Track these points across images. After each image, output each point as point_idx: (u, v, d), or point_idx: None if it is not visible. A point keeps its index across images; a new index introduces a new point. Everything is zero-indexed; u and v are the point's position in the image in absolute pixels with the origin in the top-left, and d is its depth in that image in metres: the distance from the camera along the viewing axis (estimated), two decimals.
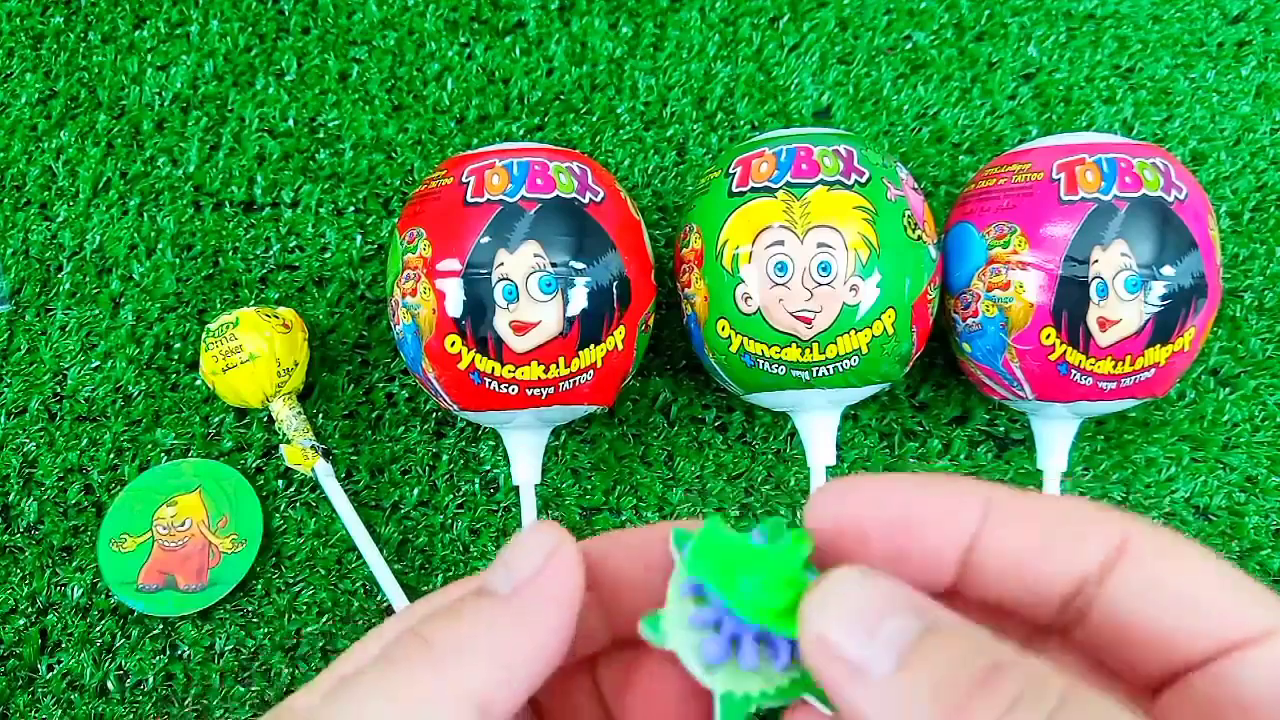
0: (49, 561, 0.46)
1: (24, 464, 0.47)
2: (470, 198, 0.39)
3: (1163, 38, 0.53)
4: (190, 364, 0.49)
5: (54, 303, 0.50)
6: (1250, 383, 0.48)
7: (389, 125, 0.52)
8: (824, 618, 0.15)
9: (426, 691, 0.15)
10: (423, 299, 0.39)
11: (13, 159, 0.52)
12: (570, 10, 0.54)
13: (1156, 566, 0.15)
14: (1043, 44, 0.53)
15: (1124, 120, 0.52)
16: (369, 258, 0.50)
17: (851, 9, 0.53)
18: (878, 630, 0.15)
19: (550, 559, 0.16)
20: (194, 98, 0.53)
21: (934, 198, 0.51)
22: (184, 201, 0.51)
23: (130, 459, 0.47)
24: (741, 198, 0.39)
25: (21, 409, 0.48)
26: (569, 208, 0.39)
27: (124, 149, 0.52)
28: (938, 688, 0.14)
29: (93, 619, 0.45)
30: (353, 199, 0.51)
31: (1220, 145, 0.51)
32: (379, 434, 0.48)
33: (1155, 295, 0.38)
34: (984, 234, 0.41)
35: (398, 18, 0.54)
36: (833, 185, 0.39)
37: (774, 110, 0.52)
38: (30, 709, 0.44)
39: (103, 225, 0.51)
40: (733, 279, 0.39)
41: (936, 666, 0.14)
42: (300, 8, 0.54)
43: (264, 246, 0.50)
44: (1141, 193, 0.38)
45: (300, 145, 0.52)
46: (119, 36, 0.54)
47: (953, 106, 0.52)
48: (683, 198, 0.51)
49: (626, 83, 0.52)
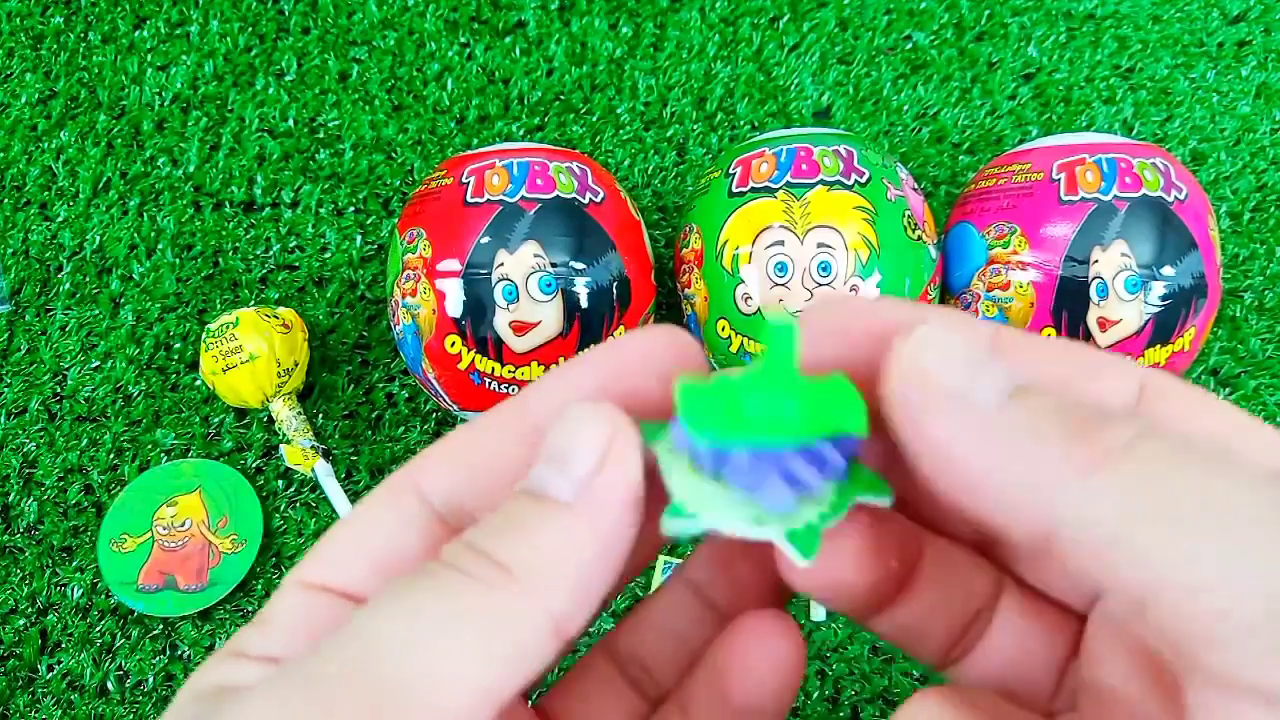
0: (49, 561, 0.46)
1: (24, 464, 0.47)
2: (470, 198, 0.39)
3: (1163, 38, 0.53)
4: (190, 364, 0.49)
5: (54, 303, 0.50)
6: (1250, 383, 0.48)
7: (389, 125, 0.52)
8: (926, 354, 0.14)
9: (506, 616, 0.14)
10: (423, 299, 0.39)
11: (13, 159, 0.52)
12: (570, 10, 0.54)
13: (1177, 413, 0.14)
14: (1043, 44, 0.53)
15: (1124, 120, 0.52)
16: (369, 258, 0.50)
17: (851, 9, 0.53)
18: (984, 367, 0.14)
19: (610, 452, 0.15)
20: (194, 98, 0.53)
21: (934, 198, 0.51)
22: (184, 201, 0.51)
23: (130, 459, 0.47)
24: (741, 198, 0.39)
25: (21, 409, 0.48)
26: (569, 208, 0.39)
27: (124, 149, 0.52)
28: (1057, 415, 0.13)
29: (93, 619, 0.45)
30: (353, 199, 0.51)
31: (1220, 145, 0.51)
32: (379, 434, 0.48)
33: (1155, 295, 0.38)
34: (984, 234, 0.41)
35: (398, 18, 0.54)
36: (833, 185, 0.39)
37: (774, 110, 0.52)
38: (30, 709, 0.44)
39: (103, 225, 0.51)
40: (733, 279, 0.39)
41: (1051, 402, 0.13)
42: (300, 8, 0.54)
43: (264, 246, 0.50)
44: (1141, 193, 0.38)
45: (300, 145, 0.52)
46: (119, 36, 0.54)
47: (953, 106, 0.52)
48: (683, 198, 0.51)
49: (626, 83, 0.52)
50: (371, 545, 0.16)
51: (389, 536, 0.16)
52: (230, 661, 0.15)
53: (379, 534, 0.16)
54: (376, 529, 0.16)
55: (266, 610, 0.16)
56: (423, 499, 0.16)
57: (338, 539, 0.17)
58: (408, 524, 0.16)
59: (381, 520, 0.16)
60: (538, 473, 0.15)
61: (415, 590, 0.14)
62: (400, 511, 0.16)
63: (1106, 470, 0.13)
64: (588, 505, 0.14)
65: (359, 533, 0.16)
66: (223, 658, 0.15)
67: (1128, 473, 0.12)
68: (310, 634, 0.16)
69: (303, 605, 0.16)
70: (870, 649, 0.45)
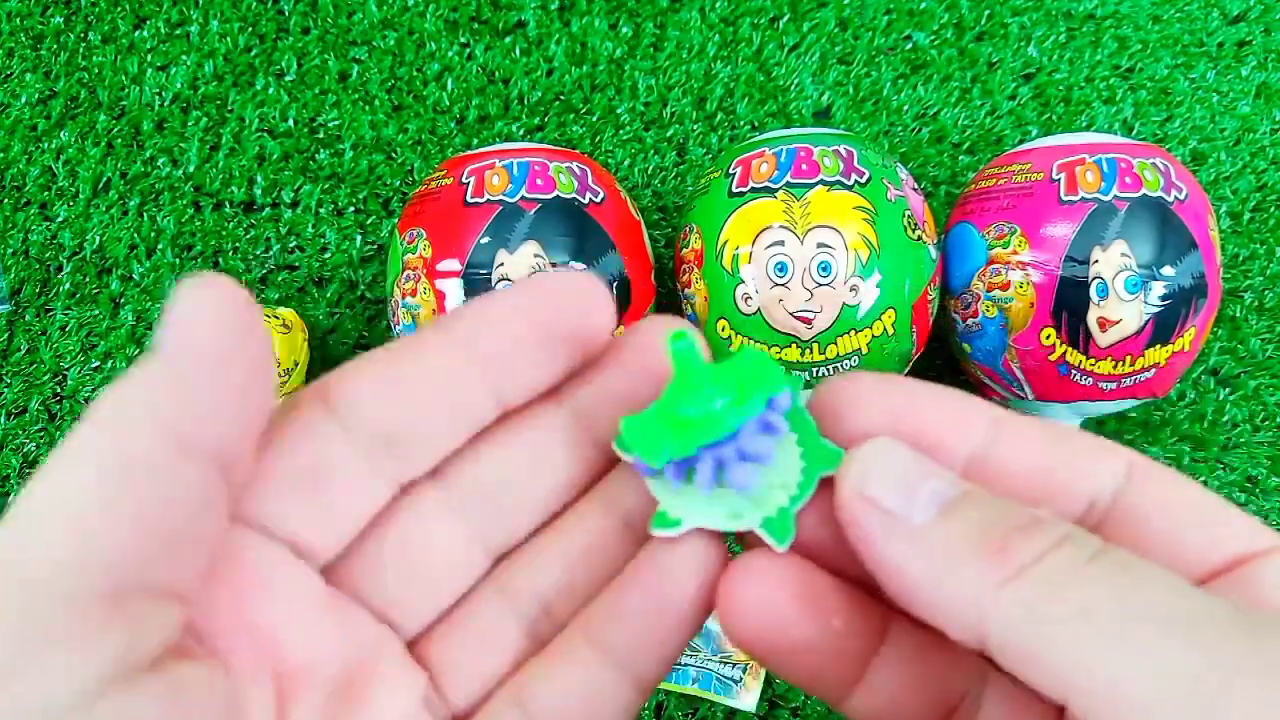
0: None
1: (24, 464, 0.47)
2: (470, 198, 0.39)
3: (1163, 38, 0.53)
4: None
5: (54, 303, 0.50)
6: (1250, 383, 0.48)
7: (389, 125, 0.52)
8: (864, 474, 0.15)
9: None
10: (423, 299, 0.39)
11: (13, 159, 0.52)
12: (570, 10, 0.54)
13: (1165, 490, 0.15)
14: (1043, 44, 0.53)
15: (1124, 120, 0.52)
16: (369, 258, 0.50)
17: (851, 9, 0.53)
18: (920, 487, 0.15)
19: (212, 318, 0.14)
20: (194, 98, 0.53)
21: (934, 198, 0.51)
22: (184, 201, 0.51)
23: None
24: (741, 198, 0.39)
25: (21, 409, 0.48)
26: (569, 208, 0.39)
27: (124, 149, 0.52)
28: (979, 531, 0.14)
29: None
30: (353, 199, 0.51)
31: (1220, 145, 0.51)
32: None
33: (1155, 295, 0.38)
34: (984, 234, 0.41)
35: (398, 18, 0.54)
36: (833, 185, 0.39)
37: (774, 110, 0.52)
38: None
39: (103, 225, 0.51)
40: (733, 279, 0.39)
41: (977, 516, 0.14)
42: (300, 8, 0.54)
43: (264, 246, 0.50)
44: (1141, 193, 0.38)
45: (300, 145, 0.52)
46: (119, 36, 0.54)
47: (953, 106, 0.52)
48: (683, 198, 0.51)
49: (626, 83, 0.52)
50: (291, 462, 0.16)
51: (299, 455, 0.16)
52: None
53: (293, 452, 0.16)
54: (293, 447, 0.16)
55: None
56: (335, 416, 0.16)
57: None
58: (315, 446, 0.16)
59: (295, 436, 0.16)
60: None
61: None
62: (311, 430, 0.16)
63: (1016, 584, 0.13)
64: (168, 352, 0.14)
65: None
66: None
67: (1035, 586, 0.13)
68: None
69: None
70: None
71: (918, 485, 0.15)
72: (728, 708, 0.44)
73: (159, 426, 0.13)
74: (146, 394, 0.14)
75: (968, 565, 0.14)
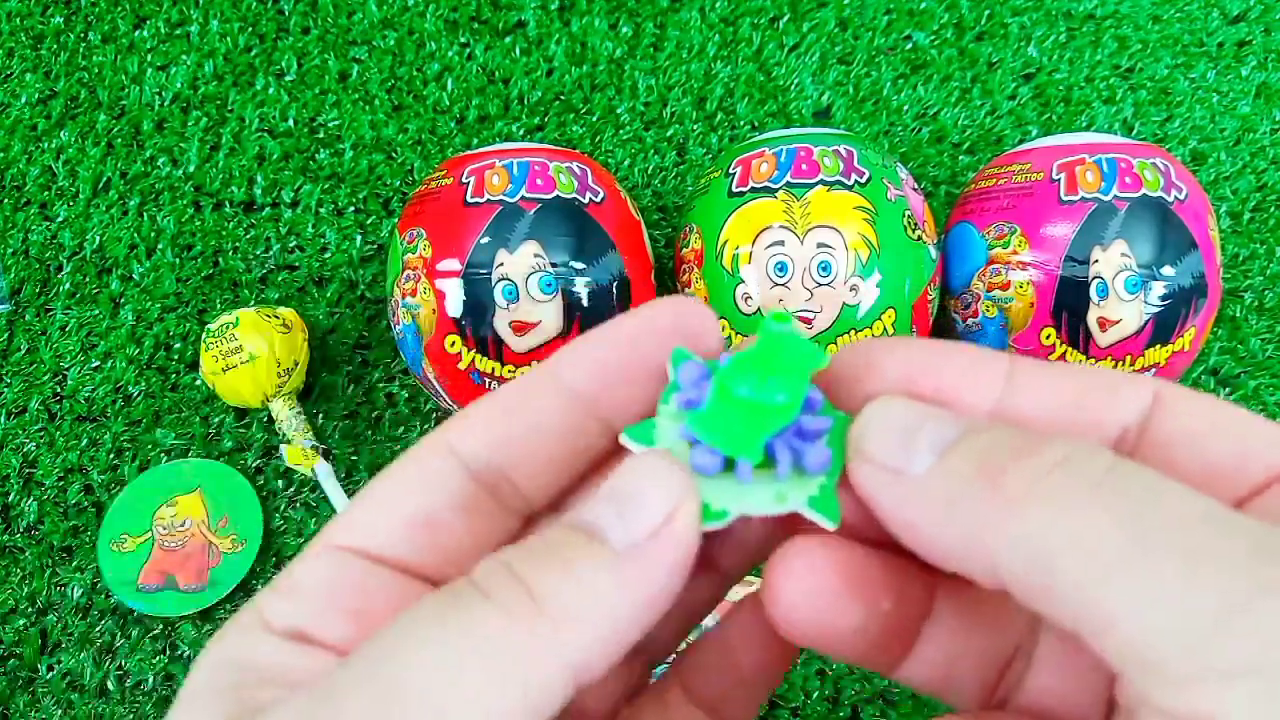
0: (49, 561, 0.46)
1: (24, 464, 0.47)
2: (470, 198, 0.39)
3: (1163, 38, 0.53)
4: (190, 364, 0.49)
5: (54, 303, 0.50)
6: (1250, 383, 0.48)
7: (389, 125, 0.52)
8: (863, 435, 0.15)
9: (525, 651, 0.13)
10: (423, 299, 0.39)
11: (13, 159, 0.52)
12: (570, 10, 0.54)
13: (1193, 414, 0.15)
14: (1043, 44, 0.53)
15: (1124, 120, 0.52)
16: (369, 258, 0.50)
17: (851, 9, 0.53)
18: (917, 436, 0.14)
19: (672, 517, 0.14)
20: (194, 98, 0.53)
21: (934, 198, 0.51)
22: (184, 201, 0.51)
23: (130, 459, 0.47)
24: (741, 198, 0.39)
25: (21, 409, 0.48)
26: (569, 208, 0.39)
27: (124, 149, 0.52)
28: (976, 465, 0.14)
29: (93, 619, 0.45)
30: (353, 199, 0.51)
31: (1220, 145, 0.51)
32: (379, 434, 0.47)
33: (1155, 295, 0.38)
34: (984, 234, 0.41)
35: (398, 18, 0.54)
36: (833, 185, 0.39)
37: (774, 110, 0.52)
38: (30, 709, 0.44)
39: (103, 225, 0.51)
40: (733, 279, 0.39)
41: (975, 450, 0.14)
42: (300, 8, 0.54)
43: (264, 246, 0.50)
44: (1141, 193, 0.38)
45: (300, 145, 0.52)
46: (119, 36, 0.54)
47: (953, 106, 0.52)
48: (683, 198, 0.51)
49: (626, 83, 0.52)
50: (403, 506, 0.16)
51: (421, 497, 0.16)
52: (255, 633, 0.15)
53: (411, 494, 0.16)
54: (408, 490, 0.16)
55: (292, 575, 0.16)
56: (456, 458, 0.16)
57: (369, 500, 0.16)
58: (441, 484, 0.16)
59: (414, 481, 0.16)
60: (595, 510, 0.15)
61: (433, 617, 0.13)
62: (433, 471, 0.16)
63: (1016, 514, 0.13)
64: (638, 560, 0.14)
65: (391, 494, 0.16)
66: (246, 627, 0.15)
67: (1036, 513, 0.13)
68: (338, 603, 0.15)
69: (330, 570, 0.16)
70: None
71: (915, 435, 0.14)
72: None
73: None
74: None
75: (968, 502, 0.13)
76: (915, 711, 0.44)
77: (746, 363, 0.15)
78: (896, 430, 0.15)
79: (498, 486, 0.16)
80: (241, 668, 0.15)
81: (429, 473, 0.16)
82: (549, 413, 0.16)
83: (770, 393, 0.15)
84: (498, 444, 0.16)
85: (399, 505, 0.16)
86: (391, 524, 0.16)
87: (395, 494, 0.16)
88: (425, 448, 0.16)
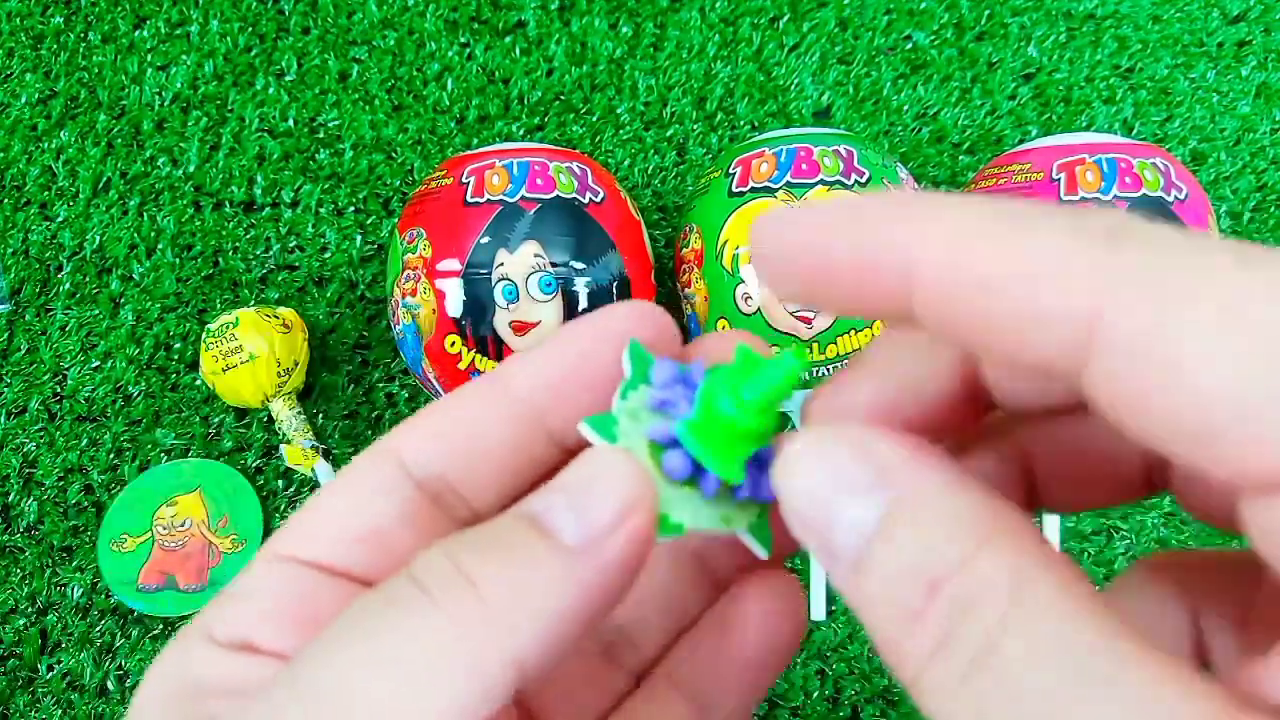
0: (49, 561, 0.46)
1: (24, 464, 0.47)
2: (470, 198, 0.39)
3: (1163, 38, 0.53)
4: (190, 364, 0.49)
5: (54, 303, 0.50)
6: None
7: (389, 125, 0.52)
8: (791, 492, 0.13)
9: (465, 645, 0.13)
10: (423, 299, 0.39)
11: (13, 159, 0.52)
12: (570, 10, 0.54)
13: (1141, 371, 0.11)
14: (1043, 44, 0.53)
15: (1124, 120, 0.52)
16: (369, 258, 0.50)
17: (851, 9, 0.53)
18: (838, 519, 0.13)
19: (628, 516, 0.14)
20: (194, 98, 0.53)
21: None
22: (184, 201, 0.51)
23: (130, 459, 0.47)
24: (741, 198, 0.39)
25: (21, 409, 0.48)
26: (569, 208, 0.39)
27: (124, 149, 0.52)
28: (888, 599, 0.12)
29: (93, 619, 0.45)
30: (353, 199, 0.51)
31: (1220, 145, 0.51)
32: (379, 434, 0.47)
33: None
34: None
35: (398, 18, 0.54)
36: (833, 185, 0.39)
37: (774, 110, 0.52)
38: (30, 709, 0.44)
39: (103, 225, 0.51)
40: (733, 279, 0.39)
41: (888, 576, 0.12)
42: (300, 8, 0.54)
43: (264, 246, 0.50)
44: (1142, 193, 0.38)
45: (300, 145, 0.52)
46: (119, 36, 0.54)
47: (953, 106, 0.52)
48: (683, 198, 0.51)
49: (626, 83, 0.52)
50: (349, 517, 0.16)
51: (367, 506, 0.16)
52: (201, 645, 0.15)
53: (357, 504, 0.16)
54: (354, 499, 0.16)
55: (238, 586, 0.16)
56: (403, 468, 0.16)
57: (315, 510, 0.16)
58: (387, 493, 0.16)
59: (360, 490, 0.16)
60: (546, 500, 0.14)
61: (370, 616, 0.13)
62: (379, 481, 0.16)
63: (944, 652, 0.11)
64: (588, 558, 0.13)
65: (336, 503, 0.16)
66: (192, 639, 0.15)
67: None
68: (284, 612, 0.15)
69: (278, 580, 0.15)
70: (870, 649, 0.45)
71: (838, 513, 0.13)
72: None
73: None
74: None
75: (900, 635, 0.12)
76: (915, 711, 0.43)
77: (730, 379, 0.15)
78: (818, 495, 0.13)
79: (443, 497, 0.16)
80: (189, 680, 0.15)
81: (375, 483, 0.16)
82: (497, 423, 0.16)
83: (754, 417, 0.15)
84: (444, 455, 0.16)
85: (345, 516, 0.16)
86: (337, 534, 0.16)
87: (341, 504, 0.16)
88: (371, 457, 0.16)
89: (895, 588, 0.12)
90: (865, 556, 0.12)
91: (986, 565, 0.11)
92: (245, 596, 0.15)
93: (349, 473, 0.16)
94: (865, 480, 0.13)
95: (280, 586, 0.15)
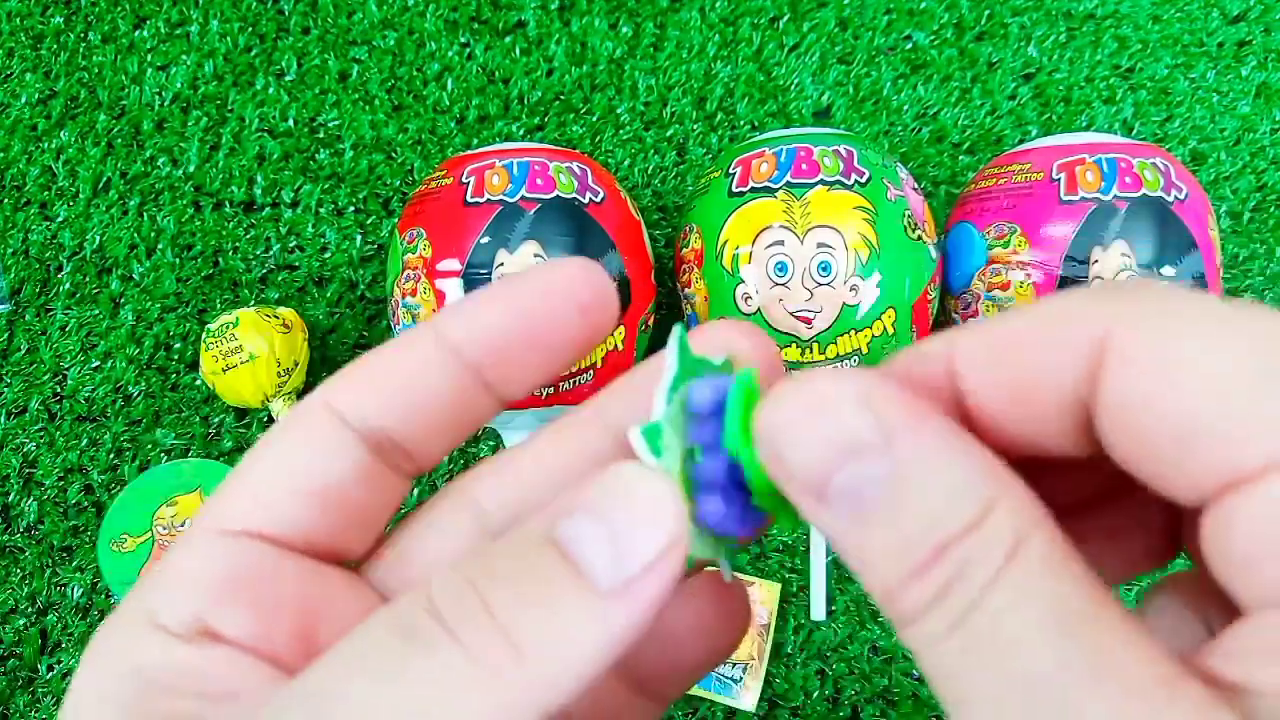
0: (49, 561, 0.46)
1: (24, 464, 0.47)
2: (470, 198, 0.39)
3: (1163, 38, 0.53)
4: (190, 364, 0.49)
5: (54, 303, 0.50)
6: None
7: (389, 125, 0.52)
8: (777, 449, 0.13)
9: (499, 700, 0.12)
10: (423, 299, 0.39)
11: (13, 159, 0.52)
12: (570, 10, 0.54)
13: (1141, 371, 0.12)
14: (1043, 44, 0.53)
15: (1124, 120, 0.52)
16: (369, 258, 0.50)
17: (851, 9, 0.53)
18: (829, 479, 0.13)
19: (664, 557, 0.13)
20: (194, 98, 0.53)
21: (934, 198, 0.51)
22: (184, 201, 0.51)
23: (130, 459, 0.47)
24: (741, 198, 0.39)
25: (21, 409, 0.48)
26: (569, 208, 0.39)
27: (124, 149, 0.52)
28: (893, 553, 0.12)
29: (93, 619, 0.45)
30: (353, 199, 0.51)
31: (1220, 145, 0.51)
32: None
33: None
34: (984, 234, 0.41)
35: (398, 18, 0.54)
36: (833, 185, 0.39)
37: (774, 110, 0.52)
38: (30, 709, 0.44)
39: (103, 225, 0.51)
40: (733, 279, 0.39)
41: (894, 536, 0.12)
42: (300, 8, 0.54)
43: (264, 246, 0.50)
44: (1141, 193, 0.38)
45: (300, 145, 0.52)
46: (119, 36, 0.54)
47: (953, 106, 0.52)
48: (683, 198, 0.51)
49: (626, 83, 0.52)
50: (288, 478, 0.15)
51: (312, 466, 0.15)
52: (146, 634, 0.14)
53: (300, 464, 0.15)
54: (293, 459, 0.15)
55: (175, 565, 0.14)
56: (342, 422, 0.15)
57: (249, 475, 0.15)
58: (331, 450, 0.15)
59: (301, 449, 0.15)
60: (579, 530, 0.13)
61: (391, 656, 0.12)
62: (321, 437, 0.15)
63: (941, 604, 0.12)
64: (623, 605, 0.13)
65: (273, 466, 0.15)
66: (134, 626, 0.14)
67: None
68: (240, 595, 0.14)
69: (219, 557, 0.14)
70: (870, 649, 0.45)
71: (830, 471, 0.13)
72: (727, 707, 0.44)
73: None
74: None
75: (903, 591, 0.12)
76: (915, 711, 0.44)
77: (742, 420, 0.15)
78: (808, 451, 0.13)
79: (384, 450, 0.15)
80: (140, 675, 0.13)
81: (317, 439, 0.15)
82: (435, 374, 0.15)
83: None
84: (383, 407, 0.15)
85: (283, 477, 0.15)
86: (277, 498, 0.15)
87: (278, 466, 0.15)
88: (304, 412, 0.15)
89: (902, 544, 0.12)
90: (870, 512, 0.12)
91: (991, 527, 0.12)
92: (188, 577, 0.14)
93: (281, 431, 0.15)
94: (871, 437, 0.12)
95: (225, 564, 0.14)
